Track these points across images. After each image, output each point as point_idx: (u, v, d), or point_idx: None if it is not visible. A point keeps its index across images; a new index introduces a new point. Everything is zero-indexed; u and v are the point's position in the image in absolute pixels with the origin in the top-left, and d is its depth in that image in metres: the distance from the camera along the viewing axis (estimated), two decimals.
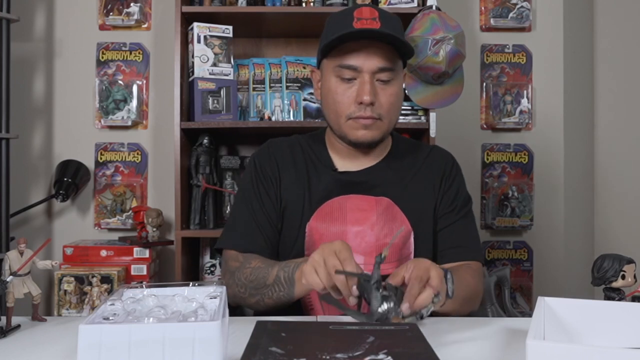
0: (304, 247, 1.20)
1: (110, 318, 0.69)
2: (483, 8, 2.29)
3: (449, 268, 1.01)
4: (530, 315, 0.80)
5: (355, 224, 1.18)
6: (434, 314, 1.27)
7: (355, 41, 1.16)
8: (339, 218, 1.19)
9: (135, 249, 1.97)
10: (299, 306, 1.19)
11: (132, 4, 2.22)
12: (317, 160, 1.28)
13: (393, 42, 1.16)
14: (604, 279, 0.89)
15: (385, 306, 0.86)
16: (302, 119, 2.06)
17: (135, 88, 2.22)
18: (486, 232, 2.29)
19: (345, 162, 1.27)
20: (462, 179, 1.31)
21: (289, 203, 1.24)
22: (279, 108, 2.10)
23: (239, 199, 1.28)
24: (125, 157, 2.23)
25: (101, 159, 2.23)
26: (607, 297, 0.90)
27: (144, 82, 2.23)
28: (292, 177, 1.25)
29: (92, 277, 1.88)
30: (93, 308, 1.85)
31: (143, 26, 2.24)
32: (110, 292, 1.86)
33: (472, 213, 1.29)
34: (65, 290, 1.88)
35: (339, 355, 0.61)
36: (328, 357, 0.60)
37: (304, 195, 1.23)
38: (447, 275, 0.96)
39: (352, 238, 1.17)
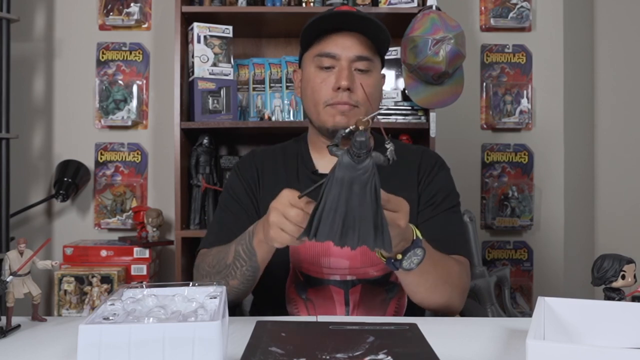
0: (288, 254, 1.19)
1: (110, 318, 0.69)
2: (483, 8, 2.29)
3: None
4: (530, 315, 0.80)
5: None
6: (435, 314, 1.26)
7: (334, 32, 1.17)
8: None
9: (135, 249, 1.97)
10: (284, 310, 1.18)
11: (132, 4, 2.22)
12: (300, 163, 1.27)
13: (368, 30, 1.17)
14: (604, 279, 0.89)
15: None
16: (302, 119, 2.06)
17: (135, 88, 2.22)
18: (486, 232, 2.29)
19: (325, 162, 1.25)
20: (448, 178, 1.28)
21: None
22: (279, 108, 2.10)
23: (219, 206, 1.28)
24: (125, 157, 2.23)
25: (101, 159, 2.22)
26: (607, 297, 0.90)
27: (144, 82, 2.23)
28: (272, 183, 1.24)
29: (92, 277, 1.88)
30: (93, 308, 1.86)
31: (143, 26, 2.24)
32: (110, 292, 1.86)
33: (457, 212, 1.26)
34: (65, 290, 1.88)
35: (339, 355, 0.61)
36: (328, 357, 0.60)
37: None
38: (418, 243, 0.96)
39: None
